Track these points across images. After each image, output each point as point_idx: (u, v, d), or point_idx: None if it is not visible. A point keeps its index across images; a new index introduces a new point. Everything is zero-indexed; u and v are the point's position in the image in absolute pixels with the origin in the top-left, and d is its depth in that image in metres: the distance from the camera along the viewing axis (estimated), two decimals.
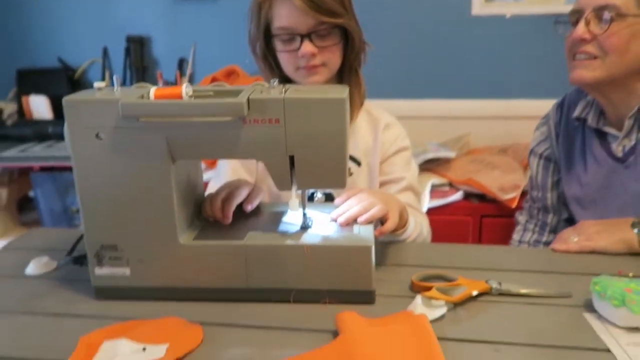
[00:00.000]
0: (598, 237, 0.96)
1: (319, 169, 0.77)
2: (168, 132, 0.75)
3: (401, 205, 0.95)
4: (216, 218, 0.86)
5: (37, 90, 2.29)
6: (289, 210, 0.85)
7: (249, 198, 0.90)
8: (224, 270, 0.79)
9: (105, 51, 2.33)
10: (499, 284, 0.81)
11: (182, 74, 2.29)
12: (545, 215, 1.29)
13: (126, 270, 0.80)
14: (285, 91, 0.75)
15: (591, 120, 1.13)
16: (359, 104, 1.16)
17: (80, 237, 0.96)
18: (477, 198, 1.78)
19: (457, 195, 1.76)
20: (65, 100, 0.75)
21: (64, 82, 2.31)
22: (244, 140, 0.75)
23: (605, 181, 1.11)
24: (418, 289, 0.81)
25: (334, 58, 1.08)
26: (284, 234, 0.82)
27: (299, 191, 0.82)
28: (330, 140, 0.75)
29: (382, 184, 1.17)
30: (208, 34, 2.25)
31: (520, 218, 1.35)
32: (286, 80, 1.11)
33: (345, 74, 1.13)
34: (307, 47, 1.04)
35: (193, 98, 0.75)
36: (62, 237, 1.02)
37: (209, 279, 0.80)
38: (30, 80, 2.33)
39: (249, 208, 0.89)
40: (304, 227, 0.83)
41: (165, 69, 2.32)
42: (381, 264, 0.91)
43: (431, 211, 1.70)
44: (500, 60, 2.10)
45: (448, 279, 0.82)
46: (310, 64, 1.06)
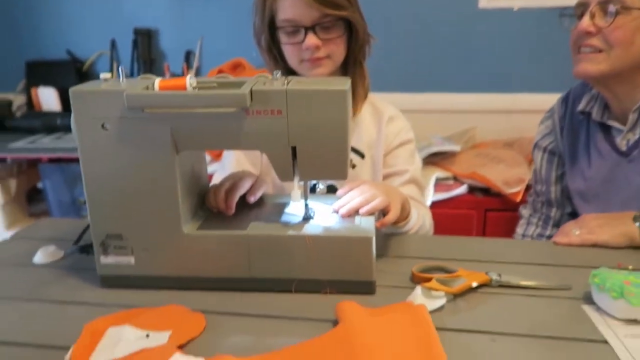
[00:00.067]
0: (600, 231, 0.96)
1: (321, 160, 0.77)
2: (172, 123, 0.76)
3: (403, 198, 0.95)
4: (220, 209, 0.87)
5: (46, 82, 2.31)
6: (292, 201, 0.87)
7: (252, 189, 0.90)
8: (226, 259, 0.80)
9: (113, 43, 2.34)
10: (499, 275, 0.81)
11: (189, 66, 2.30)
12: (549, 209, 1.29)
13: (131, 259, 0.82)
14: (288, 83, 0.76)
15: (595, 114, 1.13)
16: (363, 96, 1.16)
17: (87, 227, 0.97)
18: (482, 192, 1.77)
19: (462, 189, 1.76)
20: (72, 90, 0.76)
21: (72, 74, 2.33)
22: (246, 132, 0.76)
23: (609, 175, 1.11)
24: (418, 280, 0.81)
25: (338, 50, 1.08)
26: (286, 224, 0.83)
27: (302, 182, 0.82)
28: (331, 131, 0.75)
29: (386, 177, 1.18)
30: (215, 27, 2.25)
31: (524, 212, 1.35)
32: (291, 73, 1.11)
33: (349, 67, 1.13)
34: (312, 40, 1.04)
35: (197, 89, 0.76)
36: (69, 227, 1.04)
37: (212, 268, 0.81)
38: (39, 72, 2.35)
39: (252, 199, 0.90)
40: (306, 218, 0.84)
41: (173, 61, 2.33)
42: (382, 255, 0.92)
43: (435, 204, 1.70)
44: (507, 53, 2.08)
45: (448, 271, 0.83)
46: (314, 56, 1.06)
